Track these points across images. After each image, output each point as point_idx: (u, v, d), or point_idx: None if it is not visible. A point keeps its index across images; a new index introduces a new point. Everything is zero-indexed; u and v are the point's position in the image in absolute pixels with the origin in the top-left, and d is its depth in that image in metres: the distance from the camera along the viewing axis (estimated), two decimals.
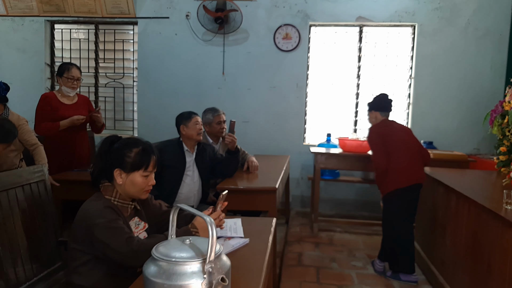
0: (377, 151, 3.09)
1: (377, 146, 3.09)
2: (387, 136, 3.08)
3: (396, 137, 3.09)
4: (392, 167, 3.01)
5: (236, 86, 4.95)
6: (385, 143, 3.06)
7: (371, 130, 3.18)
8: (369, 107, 3.32)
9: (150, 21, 4.99)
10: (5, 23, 5.22)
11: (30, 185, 2.14)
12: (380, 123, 3.20)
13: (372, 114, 3.28)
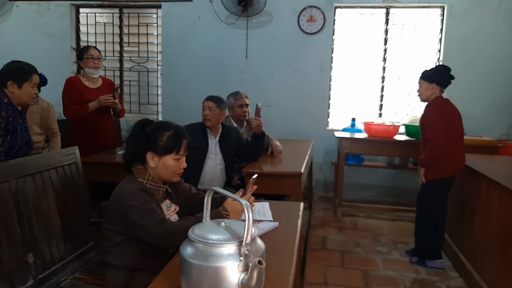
0: (439, 130, 2.79)
1: (439, 125, 2.80)
2: (448, 117, 2.85)
3: (455, 121, 2.87)
4: (446, 152, 2.82)
5: (259, 70, 4.92)
6: (446, 125, 2.82)
7: (433, 106, 2.89)
8: (428, 77, 2.95)
9: (174, 4, 4.97)
10: (31, 7, 5.30)
11: (63, 167, 2.19)
12: (440, 100, 2.92)
13: (429, 86, 2.94)
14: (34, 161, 2.01)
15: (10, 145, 2.33)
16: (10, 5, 5.33)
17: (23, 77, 2.30)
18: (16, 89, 2.30)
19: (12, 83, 2.29)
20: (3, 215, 1.72)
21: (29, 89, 2.32)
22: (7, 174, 1.80)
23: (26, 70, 2.32)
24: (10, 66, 2.38)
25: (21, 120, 2.39)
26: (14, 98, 2.34)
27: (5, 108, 2.27)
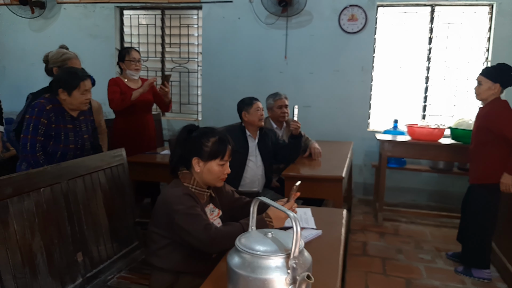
0: None
1: None
2: None
3: None
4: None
5: (298, 70, 4.89)
6: None
7: (503, 106, 2.78)
8: (493, 77, 2.80)
9: (214, 6, 5.02)
10: (78, 9, 5.50)
11: (111, 168, 2.28)
12: (505, 101, 2.80)
13: (492, 86, 2.79)
14: (84, 162, 2.09)
15: (53, 150, 2.36)
16: (58, 7, 5.56)
17: (72, 85, 2.34)
18: (67, 97, 2.35)
19: (62, 90, 2.34)
20: (55, 215, 1.81)
21: (79, 95, 2.36)
22: (59, 175, 1.89)
23: (75, 77, 2.36)
24: (60, 74, 2.45)
25: (72, 126, 2.43)
26: (66, 104, 2.39)
27: (45, 115, 2.29)
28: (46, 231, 1.72)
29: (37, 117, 2.27)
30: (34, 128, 2.27)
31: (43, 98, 2.36)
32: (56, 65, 2.77)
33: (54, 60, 2.79)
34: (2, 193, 1.55)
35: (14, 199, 1.60)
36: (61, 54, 2.81)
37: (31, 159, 2.27)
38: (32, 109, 2.30)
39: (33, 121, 2.27)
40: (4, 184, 1.56)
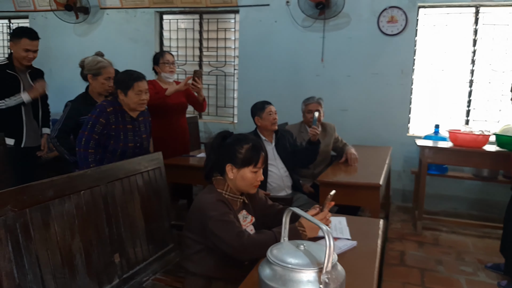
0: None
1: None
2: None
3: None
4: None
5: (336, 73, 4.82)
6: None
7: None
8: None
9: (251, 9, 5.04)
10: (119, 15, 5.69)
11: (148, 172, 2.32)
12: None
13: None
14: (123, 166, 2.15)
15: (113, 148, 2.54)
16: (101, 13, 5.77)
17: (127, 85, 2.50)
18: (124, 97, 2.52)
19: (120, 91, 2.52)
20: (94, 217, 1.86)
21: (134, 96, 2.51)
22: (99, 178, 1.95)
23: (130, 78, 2.52)
24: (118, 75, 2.63)
25: (131, 126, 2.60)
26: (125, 105, 2.56)
27: (105, 115, 2.48)
28: (85, 233, 1.78)
29: (97, 117, 2.47)
30: (92, 126, 2.46)
31: (106, 101, 2.56)
32: (90, 72, 2.89)
33: (89, 67, 2.90)
34: (44, 195, 1.61)
35: (55, 201, 1.66)
36: (96, 62, 2.91)
37: (82, 154, 2.46)
38: (95, 109, 2.51)
39: (92, 119, 2.47)
40: (46, 186, 1.63)
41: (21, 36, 3.13)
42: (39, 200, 1.59)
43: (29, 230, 1.51)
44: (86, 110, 2.80)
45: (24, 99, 3.14)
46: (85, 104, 2.86)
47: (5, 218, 1.43)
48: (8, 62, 3.18)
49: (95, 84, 2.91)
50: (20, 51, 3.13)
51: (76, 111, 2.84)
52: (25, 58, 3.17)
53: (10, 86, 3.13)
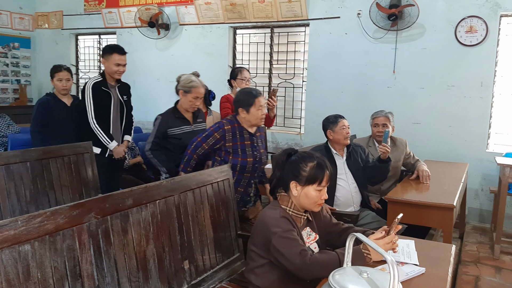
0: None
1: None
2: None
3: None
4: None
5: (408, 85, 4.66)
6: None
7: None
8: None
9: (321, 22, 5.06)
10: (196, 30, 6.01)
11: (217, 182, 2.43)
12: None
13: None
14: (195, 177, 2.27)
15: (233, 163, 2.66)
16: (180, 28, 6.14)
17: (249, 103, 2.62)
18: (246, 114, 2.64)
19: (242, 109, 2.64)
20: (167, 225, 2.00)
21: (256, 112, 2.63)
22: (173, 189, 2.08)
23: (250, 96, 2.64)
24: (239, 95, 2.73)
25: (250, 142, 2.72)
26: (246, 122, 2.69)
27: (221, 132, 2.64)
28: (158, 240, 1.92)
29: (214, 130, 2.66)
30: (206, 136, 2.67)
31: (226, 119, 2.74)
32: (182, 89, 3.09)
33: (182, 84, 3.10)
34: (124, 204, 1.77)
35: (133, 209, 1.81)
36: (190, 80, 3.10)
37: (188, 156, 2.72)
38: (215, 124, 2.72)
39: (209, 131, 2.68)
40: (126, 196, 1.79)
41: (112, 52, 3.38)
42: (119, 208, 1.75)
43: (109, 235, 1.67)
44: (174, 123, 3.06)
45: (111, 147, 3.42)
46: (174, 118, 3.08)
47: (89, 224, 1.60)
48: (102, 79, 3.43)
49: (184, 100, 3.11)
50: (112, 66, 3.37)
51: (165, 124, 3.04)
52: (116, 72, 3.41)
53: (104, 102, 3.41)
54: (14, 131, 4.88)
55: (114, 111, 3.49)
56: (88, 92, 3.35)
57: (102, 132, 3.38)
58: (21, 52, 7.72)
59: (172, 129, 3.08)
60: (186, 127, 3.15)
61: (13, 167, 2.66)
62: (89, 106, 3.34)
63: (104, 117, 3.43)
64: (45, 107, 3.51)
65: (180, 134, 3.10)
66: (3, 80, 7.51)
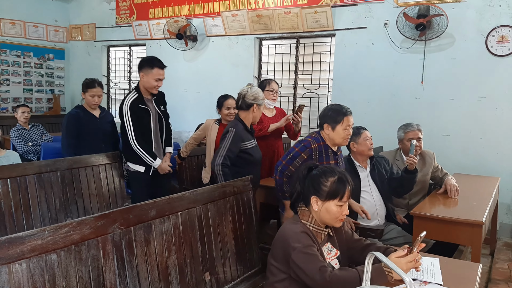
0: None
1: None
2: None
3: None
4: None
5: (437, 96, 4.56)
6: None
7: None
8: None
9: (347, 32, 5.04)
10: (223, 41, 6.10)
11: (240, 194, 2.45)
12: None
13: None
14: (217, 189, 2.30)
15: None
16: (207, 40, 6.25)
17: (335, 120, 2.48)
18: (331, 131, 2.51)
19: (327, 126, 2.50)
20: (189, 236, 2.02)
21: (342, 131, 2.49)
22: (195, 200, 2.11)
23: (340, 113, 2.50)
24: (326, 110, 2.58)
25: (334, 161, 2.57)
26: (330, 140, 2.54)
27: (308, 151, 2.51)
28: (180, 251, 1.94)
29: (300, 151, 2.52)
30: (291, 158, 2.53)
31: (311, 137, 2.58)
32: (256, 102, 2.94)
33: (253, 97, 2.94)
34: (147, 215, 1.81)
35: (156, 220, 1.85)
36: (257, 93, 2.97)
37: (277, 182, 2.59)
38: (299, 143, 2.56)
39: (294, 152, 2.54)
40: (149, 207, 1.83)
41: (153, 66, 3.16)
42: (143, 219, 1.79)
43: (133, 246, 1.71)
44: (247, 137, 2.93)
45: (155, 166, 3.24)
46: (245, 131, 2.94)
47: (113, 234, 1.64)
48: (138, 95, 3.21)
49: (257, 114, 2.98)
50: (151, 80, 3.16)
51: (239, 137, 2.87)
52: (155, 87, 3.22)
53: (143, 120, 3.21)
54: (47, 140, 5.06)
55: (154, 126, 3.31)
56: (126, 113, 3.15)
57: (145, 153, 3.17)
58: (55, 63, 8.05)
59: (245, 143, 2.91)
60: (254, 141, 3.02)
61: (44, 176, 2.76)
62: (129, 128, 3.14)
63: (145, 135, 3.24)
64: (75, 119, 3.54)
65: (250, 149, 2.94)
66: (38, 90, 7.84)
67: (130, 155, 3.22)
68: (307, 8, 5.12)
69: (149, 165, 3.24)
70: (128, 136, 3.15)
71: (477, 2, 4.27)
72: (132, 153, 3.18)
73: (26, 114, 4.96)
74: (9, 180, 2.56)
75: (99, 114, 3.71)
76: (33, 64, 7.73)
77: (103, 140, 3.60)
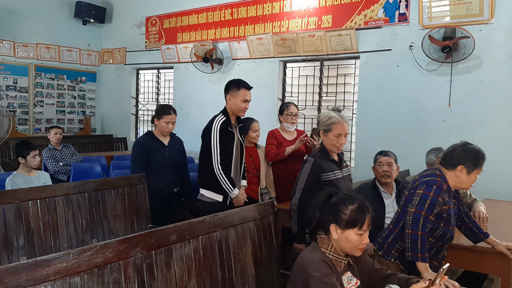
0: None
1: None
2: None
3: None
4: None
5: (464, 119, 4.46)
6: None
7: None
8: None
9: (372, 54, 5.03)
10: (248, 64, 6.20)
11: (260, 219, 2.45)
12: None
13: None
14: (238, 213, 2.31)
15: (443, 232, 2.21)
16: (233, 63, 6.38)
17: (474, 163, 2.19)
18: (464, 175, 2.19)
19: (463, 168, 2.17)
20: (209, 261, 2.04)
21: (475, 177, 2.21)
22: (216, 225, 2.13)
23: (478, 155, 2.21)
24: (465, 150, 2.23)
25: (453, 206, 2.28)
26: (456, 182, 2.23)
27: (442, 194, 2.16)
28: (200, 275, 1.95)
29: (435, 195, 2.12)
30: (430, 206, 2.11)
31: (436, 176, 2.21)
32: (321, 128, 2.65)
33: (321, 122, 2.67)
34: (168, 239, 1.84)
35: (177, 245, 1.88)
36: (328, 117, 2.65)
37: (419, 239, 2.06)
38: (428, 184, 2.16)
39: (430, 198, 2.12)
40: (170, 231, 1.86)
41: (240, 87, 3.06)
42: (164, 243, 1.82)
43: (153, 270, 1.74)
44: (328, 166, 2.60)
45: (232, 195, 3.07)
46: (326, 160, 2.62)
47: (135, 258, 1.67)
48: (226, 119, 3.08)
49: (326, 141, 2.64)
50: (239, 102, 3.05)
51: (319, 167, 2.57)
52: (243, 110, 3.10)
53: (229, 144, 3.09)
54: (77, 160, 5.23)
55: (236, 153, 3.15)
56: (215, 135, 3.01)
57: (226, 179, 3.01)
58: (87, 85, 8.39)
59: (326, 174, 2.58)
60: (337, 172, 2.65)
61: (73, 197, 2.86)
62: (215, 150, 3.00)
63: (228, 161, 3.09)
64: (143, 148, 3.43)
65: (335, 181, 2.60)
66: (70, 111, 8.15)
67: (208, 182, 3.06)
68: (331, 31, 5.16)
69: (227, 194, 3.06)
70: (212, 159, 3.00)
71: (505, 23, 4.20)
72: (211, 179, 3.01)
73: (58, 136, 5.16)
74: (39, 201, 2.66)
75: (168, 142, 3.58)
76: (66, 87, 8.07)
77: (170, 169, 3.49)
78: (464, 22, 4.36)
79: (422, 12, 4.62)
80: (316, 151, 2.71)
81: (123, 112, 8.21)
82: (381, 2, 4.92)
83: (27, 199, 2.62)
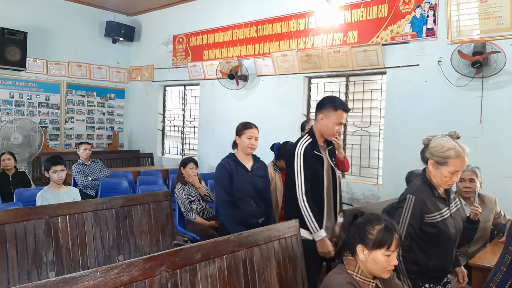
0: None
1: None
2: None
3: None
4: None
5: (497, 135, 4.31)
6: None
7: None
8: None
9: (399, 70, 4.97)
10: (273, 80, 6.23)
11: (285, 238, 2.42)
12: None
13: None
14: (263, 233, 2.29)
15: None
16: (257, 79, 6.42)
17: None
18: None
19: None
20: (234, 280, 2.02)
21: None
22: (240, 244, 2.12)
23: None
24: None
25: None
26: None
27: None
28: None
29: None
30: None
31: None
32: (433, 158, 2.21)
33: (433, 152, 2.23)
34: (193, 258, 1.84)
35: (202, 263, 1.87)
36: (446, 148, 2.19)
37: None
38: None
39: None
40: (195, 250, 1.86)
41: (337, 107, 2.63)
42: (189, 262, 1.82)
43: None
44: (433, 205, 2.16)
45: (316, 237, 2.62)
46: (432, 197, 2.18)
47: (160, 277, 1.68)
48: (313, 140, 2.70)
49: (436, 174, 2.18)
50: (332, 124, 2.64)
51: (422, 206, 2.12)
52: (334, 134, 2.72)
53: (317, 169, 2.70)
54: (105, 175, 5.34)
55: (327, 181, 2.74)
56: (298, 159, 2.64)
57: (311, 215, 2.58)
58: (116, 102, 8.61)
59: (431, 216, 2.13)
60: (445, 212, 2.20)
61: (100, 213, 2.91)
62: (299, 178, 2.62)
63: (318, 190, 2.68)
64: (226, 171, 3.06)
65: (441, 222, 2.14)
66: (99, 127, 8.37)
67: (292, 211, 2.67)
68: (357, 47, 5.14)
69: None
70: (296, 188, 2.62)
71: None
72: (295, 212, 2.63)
73: (87, 151, 5.29)
74: (68, 217, 2.72)
75: (251, 166, 3.16)
76: (96, 103, 8.31)
77: (253, 196, 3.08)
78: (494, 37, 4.25)
79: (450, 27, 4.54)
80: (419, 184, 2.22)
81: (150, 128, 8.36)
82: (408, 18, 4.87)
83: (57, 215, 2.68)
